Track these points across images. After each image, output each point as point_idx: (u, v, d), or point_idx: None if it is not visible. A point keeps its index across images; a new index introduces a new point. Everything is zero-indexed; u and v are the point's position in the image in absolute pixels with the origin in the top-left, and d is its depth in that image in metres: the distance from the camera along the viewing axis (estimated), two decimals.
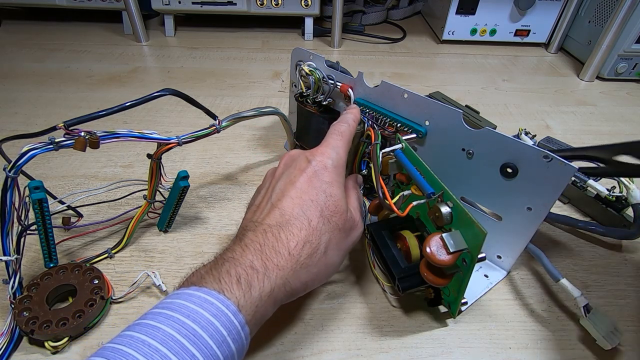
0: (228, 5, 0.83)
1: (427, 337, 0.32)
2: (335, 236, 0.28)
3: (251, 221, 0.28)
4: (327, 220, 0.27)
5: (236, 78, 0.71)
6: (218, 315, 0.21)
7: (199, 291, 0.22)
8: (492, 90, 0.71)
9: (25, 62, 0.74)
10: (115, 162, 0.49)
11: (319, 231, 0.27)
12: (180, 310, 0.21)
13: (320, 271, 0.27)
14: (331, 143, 0.31)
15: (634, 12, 0.68)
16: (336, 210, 0.28)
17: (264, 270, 0.24)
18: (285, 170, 0.30)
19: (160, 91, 0.32)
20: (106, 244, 0.38)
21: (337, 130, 0.32)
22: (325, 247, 0.27)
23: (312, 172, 0.29)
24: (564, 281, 0.32)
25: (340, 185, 0.29)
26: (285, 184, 0.29)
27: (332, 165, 0.29)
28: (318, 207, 0.27)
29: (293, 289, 0.25)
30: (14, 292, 0.31)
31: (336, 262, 0.28)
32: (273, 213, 0.27)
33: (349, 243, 0.29)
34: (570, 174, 0.29)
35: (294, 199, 0.27)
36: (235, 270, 0.23)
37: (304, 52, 0.43)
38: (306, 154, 0.30)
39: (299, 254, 0.25)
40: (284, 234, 0.26)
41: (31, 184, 0.29)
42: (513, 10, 0.83)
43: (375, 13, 0.97)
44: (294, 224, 0.26)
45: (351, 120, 0.34)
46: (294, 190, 0.28)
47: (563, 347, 0.31)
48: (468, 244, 0.27)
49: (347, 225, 0.29)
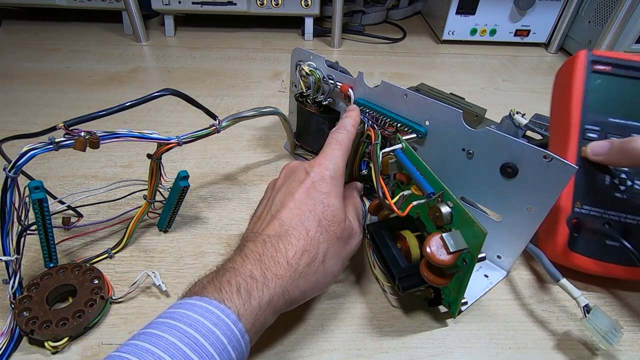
0: (228, 5, 0.83)
1: (427, 337, 0.32)
2: (333, 245, 0.28)
3: (252, 232, 0.29)
4: (325, 229, 0.28)
5: (236, 78, 0.71)
6: (219, 324, 0.22)
7: (201, 301, 0.23)
8: (492, 90, 0.71)
9: (25, 62, 0.74)
10: (115, 162, 0.49)
11: (317, 240, 0.27)
12: (182, 320, 0.22)
13: (319, 280, 0.27)
14: (329, 153, 0.31)
15: (634, 12, 0.68)
16: (334, 219, 0.28)
17: (263, 279, 0.25)
18: (285, 181, 0.31)
19: (160, 91, 0.32)
20: (106, 244, 0.38)
21: (335, 139, 0.33)
22: (324, 256, 0.27)
23: (311, 183, 0.29)
24: (564, 281, 0.32)
25: (338, 195, 0.30)
26: (284, 195, 0.30)
27: (330, 176, 0.30)
28: (316, 217, 0.28)
29: (292, 297, 0.26)
30: (14, 292, 0.31)
31: (335, 271, 0.29)
32: (272, 224, 0.28)
33: (347, 252, 0.30)
34: (570, 174, 0.29)
35: (292, 210, 0.28)
36: (235, 279, 0.24)
37: (304, 52, 0.43)
38: (305, 165, 0.31)
39: (298, 263, 0.26)
40: (282, 244, 0.26)
41: (31, 184, 0.29)
42: (513, 10, 0.83)
43: (375, 13, 0.98)
44: (292, 234, 0.27)
45: (350, 126, 0.34)
46: (293, 202, 0.28)
47: (563, 347, 0.31)
48: (468, 243, 0.27)
49: (346, 234, 0.29)
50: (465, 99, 0.52)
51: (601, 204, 0.34)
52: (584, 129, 0.34)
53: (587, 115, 0.34)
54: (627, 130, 0.34)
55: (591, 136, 0.34)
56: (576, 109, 0.34)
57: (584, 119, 0.34)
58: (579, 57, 0.35)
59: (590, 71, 0.35)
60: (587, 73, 0.35)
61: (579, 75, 0.35)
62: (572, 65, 0.36)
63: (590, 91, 0.34)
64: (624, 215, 0.34)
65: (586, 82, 0.35)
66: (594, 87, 0.34)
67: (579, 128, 0.34)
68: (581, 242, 0.34)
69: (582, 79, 0.35)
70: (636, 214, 0.34)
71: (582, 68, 0.35)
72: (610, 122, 0.34)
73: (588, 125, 0.34)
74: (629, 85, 0.34)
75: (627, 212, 0.34)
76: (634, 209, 0.34)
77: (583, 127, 0.34)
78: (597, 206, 0.34)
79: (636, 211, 0.34)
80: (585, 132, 0.34)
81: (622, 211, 0.34)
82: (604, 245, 0.34)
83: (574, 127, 0.34)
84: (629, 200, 0.34)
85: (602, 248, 0.34)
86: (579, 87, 0.35)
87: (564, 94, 0.36)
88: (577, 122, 0.34)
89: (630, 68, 0.34)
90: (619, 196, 0.34)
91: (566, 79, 0.36)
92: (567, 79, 0.36)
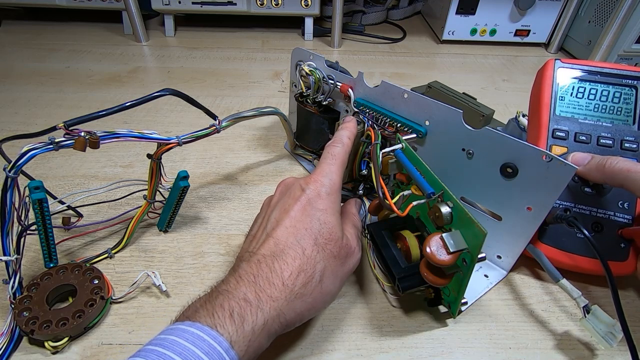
0: (228, 5, 0.83)
1: (427, 337, 0.32)
2: (330, 264, 0.27)
3: (247, 251, 0.28)
4: (322, 248, 0.27)
5: (236, 78, 0.71)
6: (210, 352, 0.21)
7: (192, 326, 0.22)
8: (492, 90, 0.71)
9: (25, 62, 0.74)
10: (115, 162, 0.49)
11: (314, 260, 0.27)
12: (172, 348, 0.21)
13: (316, 300, 0.27)
14: (325, 169, 0.31)
15: (634, 12, 0.68)
16: (331, 237, 0.28)
17: (257, 302, 0.24)
18: (281, 199, 0.30)
19: (160, 91, 0.32)
20: (106, 244, 0.38)
21: (331, 154, 0.32)
22: (321, 275, 0.27)
23: (306, 200, 0.29)
24: (563, 281, 0.32)
25: (334, 212, 0.29)
26: (280, 213, 0.29)
27: (326, 193, 0.29)
28: (312, 235, 0.27)
29: (288, 320, 0.25)
30: (14, 292, 0.31)
31: (332, 291, 0.28)
32: (267, 243, 0.27)
33: (345, 270, 0.29)
34: (570, 174, 0.29)
35: (288, 228, 0.27)
36: (228, 303, 0.23)
37: (304, 52, 0.43)
38: (300, 182, 0.30)
39: (294, 283, 0.25)
40: (277, 264, 0.26)
41: (31, 184, 0.29)
42: (513, 10, 0.83)
43: (375, 13, 0.97)
44: (288, 254, 0.26)
45: (345, 138, 0.34)
46: (288, 220, 0.28)
47: (563, 347, 0.31)
48: (468, 244, 0.27)
49: (343, 252, 0.28)
50: (476, 99, 0.52)
51: (572, 198, 0.36)
52: (553, 130, 0.37)
53: (555, 118, 0.37)
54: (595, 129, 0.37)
55: (560, 135, 0.37)
56: (545, 112, 0.37)
57: (553, 121, 0.37)
58: (548, 65, 0.38)
59: (558, 77, 0.38)
60: (556, 79, 0.38)
61: (548, 81, 0.38)
62: (542, 73, 0.39)
63: (559, 96, 0.38)
64: (594, 209, 0.35)
65: (554, 87, 0.38)
66: (562, 92, 0.38)
67: (547, 128, 0.37)
68: (550, 234, 0.36)
69: (551, 84, 0.38)
70: (606, 208, 0.35)
71: (551, 75, 0.38)
72: (577, 124, 0.37)
73: (556, 126, 0.37)
74: (595, 89, 0.38)
75: (598, 207, 0.36)
76: (603, 204, 0.35)
77: (552, 128, 0.37)
78: (568, 200, 0.36)
79: (606, 205, 0.35)
80: (555, 132, 0.37)
81: (593, 205, 0.35)
82: (573, 238, 0.35)
83: (543, 128, 0.37)
84: (598, 195, 0.36)
85: (571, 240, 0.35)
86: (547, 92, 0.38)
87: (536, 100, 0.39)
88: (546, 123, 0.37)
89: (596, 73, 0.38)
90: (589, 191, 0.36)
91: (538, 86, 0.39)
92: (538, 86, 0.39)
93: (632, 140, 0.36)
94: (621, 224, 0.35)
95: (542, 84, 0.38)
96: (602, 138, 0.36)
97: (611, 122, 0.37)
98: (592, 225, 0.35)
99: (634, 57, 0.73)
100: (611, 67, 0.38)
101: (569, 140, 0.36)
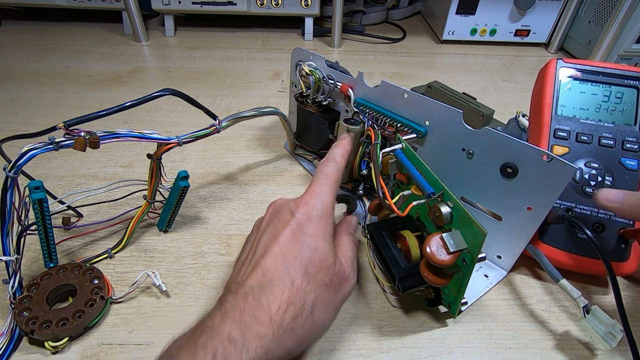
0: (228, 5, 0.83)
1: (427, 337, 0.32)
2: (322, 294, 0.26)
3: (234, 282, 0.27)
4: (313, 277, 0.26)
5: (236, 78, 0.71)
6: None
7: None
8: (492, 90, 0.71)
9: (25, 62, 0.74)
10: (115, 162, 0.49)
11: (304, 291, 0.25)
12: None
13: (308, 333, 0.25)
14: (316, 190, 0.29)
15: (634, 12, 0.68)
16: (322, 265, 0.26)
17: (243, 340, 0.22)
18: (271, 222, 0.29)
19: (160, 91, 0.32)
20: (106, 244, 0.38)
21: (323, 173, 0.31)
22: (312, 307, 0.25)
23: (296, 225, 0.27)
24: (563, 281, 0.32)
25: (326, 237, 0.28)
26: (269, 239, 0.28)
27: (317, 216, 0.28)
28: (302, 264, 0.26)
29: (276, 357, 0.23)
30: (14, 292, 0.31)
31: (325, 321, 0.26)
32: (255, 273, 0.26)
33: (339, 299, 0.27)
34: (570, 174, 0.29)
35: (277, 256, 0.26)
36: (211, 343, 0.22)
37: (304, 52, 0.43)
38: (290, 204, 0.29)
39: (282, 318, 0.24)
40: (265, 297, 0.24)
41: (31, 184, 0.29)
42: (513, 10, 0.83)
43: (375, 13, 0.98)
44: (276, 285, 0.25)
45: (339, 157, 0.33)
46: (277, 247, 0.26)
47: (563, 347, 0.31)
48: (468, 243, 0.27)
49: (336, 280, 0.27)
50: (476, 99, 0.52)
51: (573, 198, 0.36)
52: (554, 129, 0.37)
53: (557, 118, 0.37)
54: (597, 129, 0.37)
55: (562, 135, 0.37)
56: (547, 111, 0.37)
57: (555, 120, 0.37)
58: (550, 65, 0.38)
59: (560, 77, 0.38)
60: (557, 79, 0.38)
61: (550, 81, 0.38)
62: (544, 72, 0.39)
63: (561, 95, 0.38)
64: (595, 209, 0.35)
65: (556, 87, 0.38)
66: (564, 92, 0.38)
67: (549, 128, 0.37)
68: (552, 234, 0.35)
69: (553, 84, 0.38)
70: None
71: (553, 75, 0.38)
72: (579, 123, 0.37)
73: (558, 126, 0.37)
74: (597, 89, 0.37)
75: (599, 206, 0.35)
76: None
77: (554, 127, 0.37)
78: (569, 200, 0.36)
79: None
80: (556, 131, 0.37)
81: (594, 205, 0.35)
82: (574, 238, 0.35)
83: (545, 127, 0.37)
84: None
85: (572, 240, 0.35)
86: (549, 92, 0.38)
87: (538, 99, 0.39)
88: (548, 123, 0.37)
89: (598, 74, 0.38)
90: (590, 191, 0.35)
91: (539, 86, 0.39)
92: (540, 86, 0.39)
93: (633, 141, 0.36)
94: (622, 224, 0.35)
95: (544, 83, 0.38)
96: (604, 138, 0.36)
97: (612, 122, 0.37)
98: (594, 225, 0.35)
99: (634, 57, 0.73)
100: (613, 68, 0.38)
101: (570, 140, 0.36)
